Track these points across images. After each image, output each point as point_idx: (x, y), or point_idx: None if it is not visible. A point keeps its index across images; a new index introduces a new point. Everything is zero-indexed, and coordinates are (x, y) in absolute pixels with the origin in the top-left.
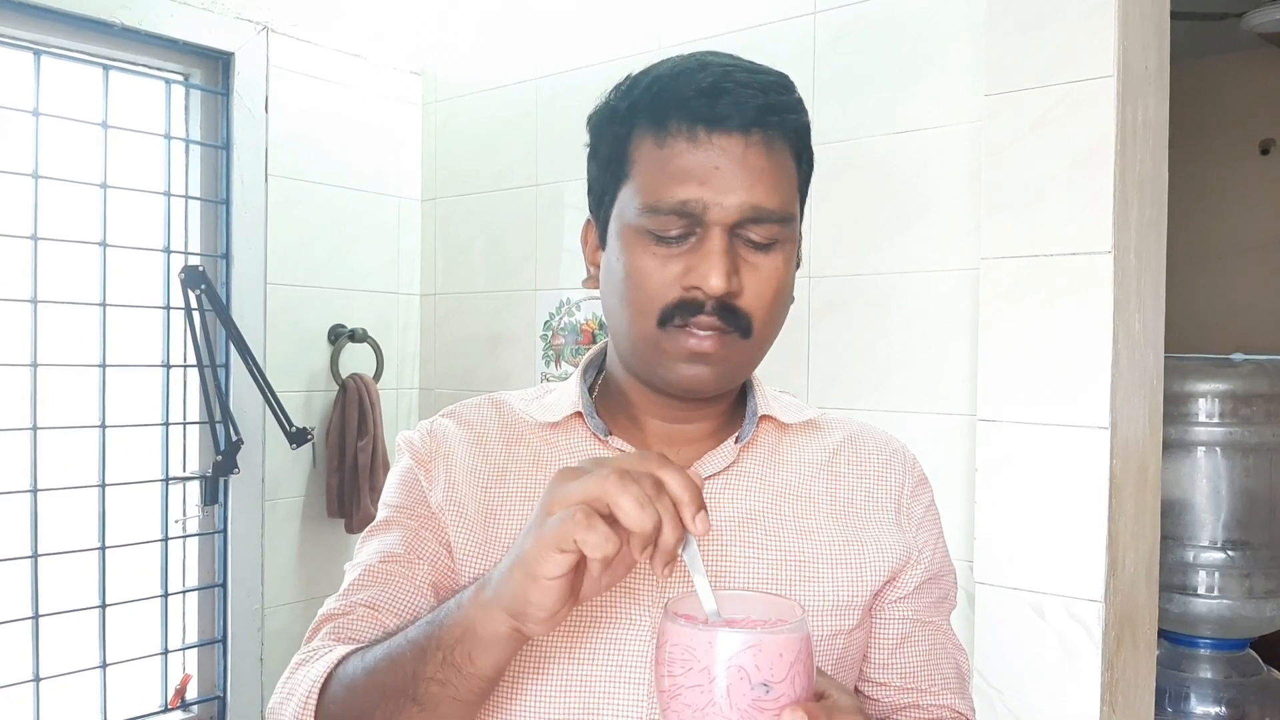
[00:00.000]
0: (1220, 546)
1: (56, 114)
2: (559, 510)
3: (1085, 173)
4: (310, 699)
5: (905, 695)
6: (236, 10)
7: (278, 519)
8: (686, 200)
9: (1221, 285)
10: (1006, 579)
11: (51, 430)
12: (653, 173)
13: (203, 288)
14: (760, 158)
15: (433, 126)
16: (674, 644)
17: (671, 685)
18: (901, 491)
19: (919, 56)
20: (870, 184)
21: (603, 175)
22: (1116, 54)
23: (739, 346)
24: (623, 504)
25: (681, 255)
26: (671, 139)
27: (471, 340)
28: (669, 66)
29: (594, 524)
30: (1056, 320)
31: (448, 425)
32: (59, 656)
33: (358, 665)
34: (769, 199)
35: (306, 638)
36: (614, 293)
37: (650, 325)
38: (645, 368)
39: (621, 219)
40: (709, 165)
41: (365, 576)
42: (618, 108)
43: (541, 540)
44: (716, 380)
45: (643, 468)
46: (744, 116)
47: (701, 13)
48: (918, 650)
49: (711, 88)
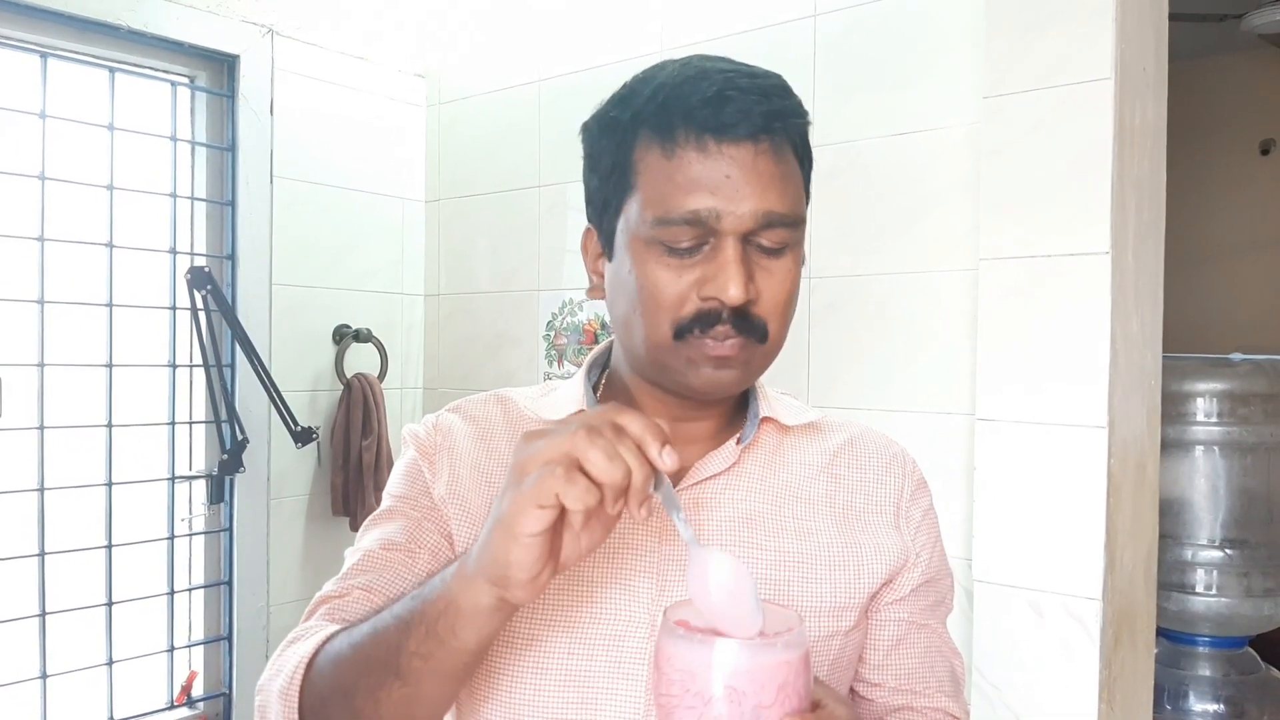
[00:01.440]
0: (1218, 545)
1: (63, 116)
2: (533, 469)
3: (1083, 174)
4: (296, 674)
5: (899, 696)
6: (242, 13)
7: (283, 517)
8: (699, 210)
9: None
10: (1005, 577)
11: (58, 429)
12: (661, 184)
13: (208, 288)
14: (770, 164)
15: (436, 128)
16: (670, 663)
17: (668, 702)
18: (901, 495)
19: (918, 59)
20: (870, 185)
21: (604, 186)
22: (1114, 56)
23: (756, 350)
24: (591, 457)
25: (695, 265)
26: (680, 149)
27: (475, 340)
28: (669, 75)
29: (573, 477)
30: (1055, 320)
31: (453, 420)
32: (66, 654)
33: (344, 641)
34: (781, 204)
35: (303, 618)
36: (627, 304)
37: (667, 337)
38: (661, 374)
39: (629, 231)
40: (720, 174)
41: (364, 561)
42: (619, 118)
43: (520, 498)
44: (736, 384)
45: (601, 418)
46: (751, 124)
47: (703, 15)
48: (913, 652)
49: (716, 96)
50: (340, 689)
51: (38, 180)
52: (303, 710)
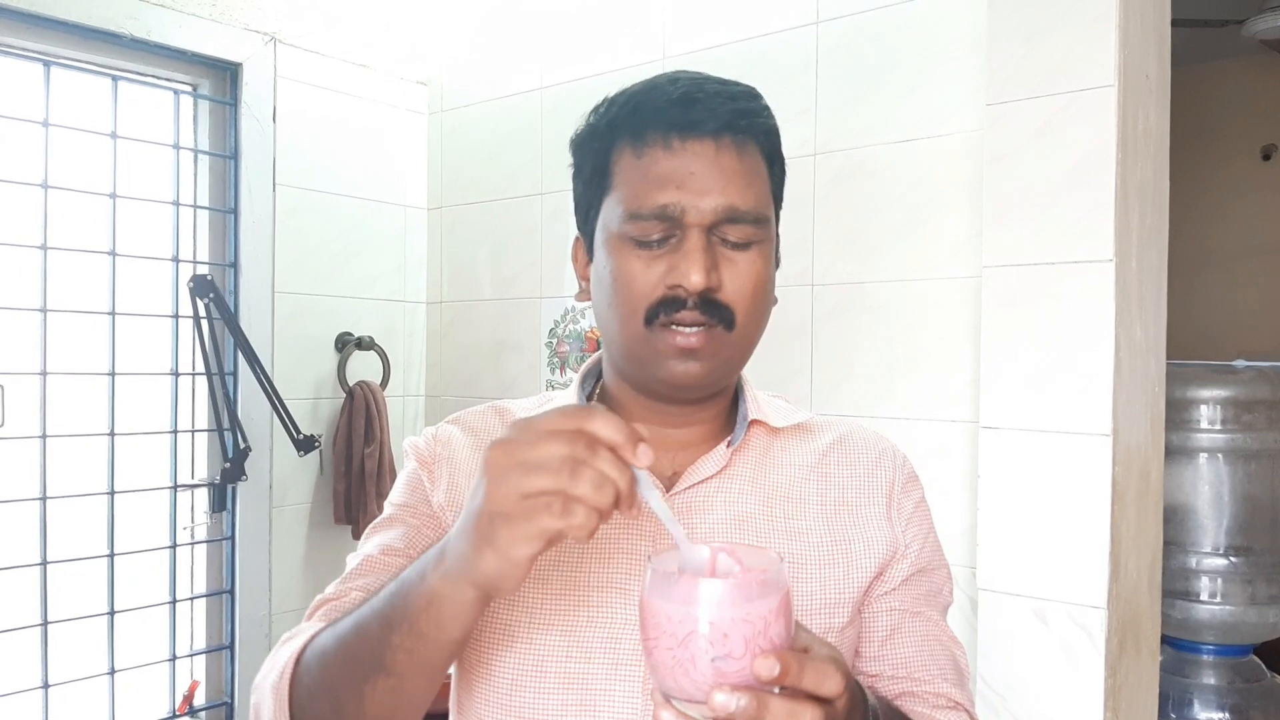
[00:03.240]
0: (1223, 552)
1: (66, 124)
2: (521, 501)
3: (1086, 181)
4: (286, 671)
5: (899, 684)
6: (244, 21)
7: (285, 525)
8: (665, 204)
9: (1224, 290)
10: (1009, 585)
11: (61, 438)
12: (633, 182)
13: (211, 296)
14: (733, 160)
15: (438, 136)
16: (649, 604)
17: (649, 645)
18: (892, 488)
19: (920, 66)
20: (873, 192)
21: (587, 191)
22: (1117, 63)
23: (725, 340)
24: (582, 491)
25: (663, 256)
26: (649, 149)
27: (477, 347)
28: (642, 85)
29: (571, 509)
30: (1058, 328)
31: (452, 431)
32: (68, 663)
33: (329, 637)
34: (743, 200)
35: (304, 619)
36: (603, 298)
37: (638, 325)
38: (637, 368)
39: (606, 229)
40: (685, 170)
41: (364, 566)
42: (597, 126)
43: (519, 531)
44: (705, 375)
45: (570, 425)
46: (715, 121)
47: (706, 23)
48: (909, 641)
49: (683, 97)
50: (327, 684)
51: (41, 189)
52: (293, 705)
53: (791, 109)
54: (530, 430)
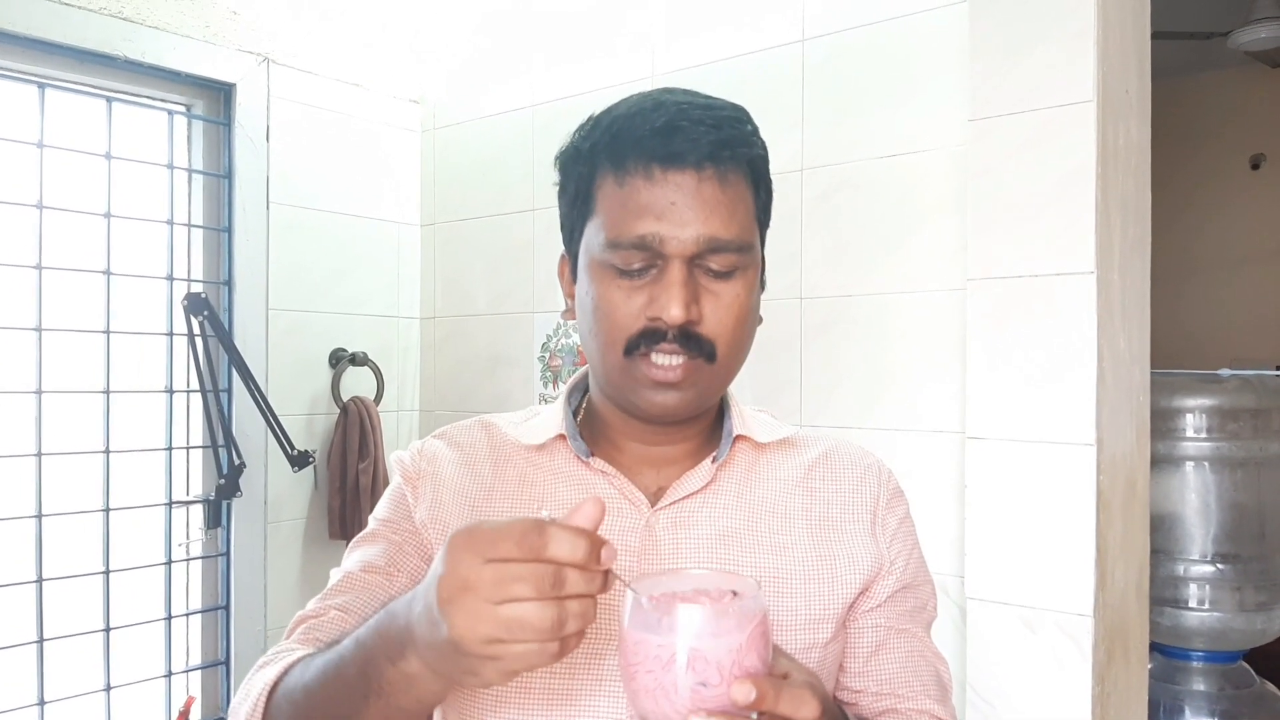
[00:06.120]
0: (1210, 560)
1: (61, 146)
2: (499, 645)
3: (1068, 195)
4: (259, 703)
5: (883, 701)
6: (238, 42)
7: (280, 541)
8: (645, 235)
9: (1213, 298)
10: (997, 594)
11: (56, 456)
12: (614, 210)
13: (205, 314)
14: (714, 191)
15: (431, 153)
16: (630, 631)
17: (629, 670)
18: (877, 504)
19: (905, 82)
20: (859, 207)
21: (571, 212)
22: (1096, 79)
23: (704, 372)
24: (570, 625)
25: (644, 287)
26: (630, 177)
27: (471, 362)
28: (626, 107)
29: (546, 650)
30: (1042, 339)
31: (438, 446)
32: (63, 680)
33: (298, 681)
34: (726, 230)
35: (284, 635)
36: (586, 323)
37: (618, 354)
38: (618, 394)
39: (589, 254)
40: (665, 201)
41: (344, 583)
42: (580, 148)
43: (489, 667)
44: (683, 406)
45: (529, 553)
46: (697, 153)
47: (694, 41)
48: (893, 657)
49: (665, 127)
50: None
51: (36, 209)
52: None
53: (779, 125)
54: (492, 574)
